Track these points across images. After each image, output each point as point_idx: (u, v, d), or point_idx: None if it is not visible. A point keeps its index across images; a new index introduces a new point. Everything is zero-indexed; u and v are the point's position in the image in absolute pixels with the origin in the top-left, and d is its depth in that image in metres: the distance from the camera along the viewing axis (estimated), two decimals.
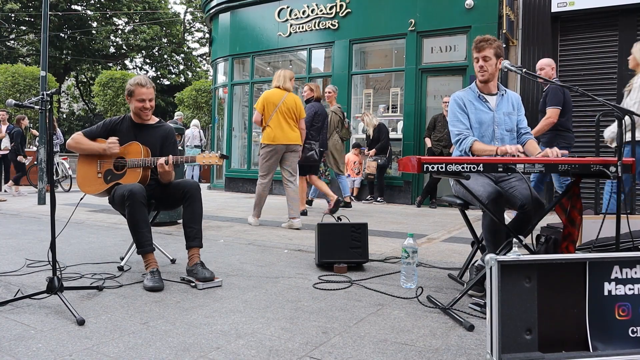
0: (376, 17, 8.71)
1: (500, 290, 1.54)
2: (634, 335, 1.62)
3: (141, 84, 3.02)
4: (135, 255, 2.97)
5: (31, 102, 2.54)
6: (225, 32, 10.82)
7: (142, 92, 3.02)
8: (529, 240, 2.64)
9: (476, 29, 7.67)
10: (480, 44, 2.80)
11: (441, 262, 3.46)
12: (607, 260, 1.65)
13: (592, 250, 2.82)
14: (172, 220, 5.17)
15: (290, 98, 5.09)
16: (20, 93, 14.40)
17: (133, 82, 3.04)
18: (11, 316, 2.17)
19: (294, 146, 5.13)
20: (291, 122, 5.08)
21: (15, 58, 22.45)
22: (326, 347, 1.87)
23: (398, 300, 2.53)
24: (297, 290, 2.70)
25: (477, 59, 2.83)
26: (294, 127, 5.12)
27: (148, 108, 3.07)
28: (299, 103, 5.20)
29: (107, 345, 1.86)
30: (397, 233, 4.81)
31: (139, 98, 3.02)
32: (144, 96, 3.03)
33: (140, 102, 3.03)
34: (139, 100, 3.03)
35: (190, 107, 16.94)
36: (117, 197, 2.86)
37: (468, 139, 2.74)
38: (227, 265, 3.30)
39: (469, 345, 1.90)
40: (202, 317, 2.21)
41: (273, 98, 5.03)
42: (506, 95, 2.91)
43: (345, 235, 3.22)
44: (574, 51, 7.45)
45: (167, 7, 25.60)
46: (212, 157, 2.87)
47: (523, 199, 2.56)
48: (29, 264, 3.22)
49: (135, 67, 26.77)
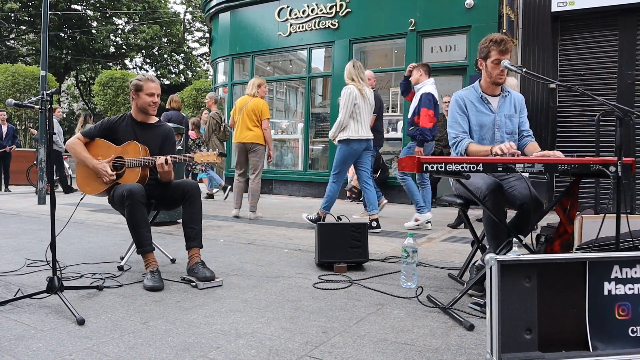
0: (376, 16, 8.71)
1: (500, 290, 1.54)
2: (634, 335, 1.62)
3: (151, 79, 3.08)
4: (135, 255, 2.97)
5: (31, 102, 2.54)
6: (225, 31, 10.82)
7: (152, 86, 3.05)
8: (529, 240, 2.64)
9: (476, 28, 7.67)
10: (507, 46, 2.64)
11: (441, 262, 3.46)
12: (607, 259, 1.65)
13: (592, 250, 2.82)
14: (172, 220, 5.17)
15: (253, 102, 5.65)
16: (20, 93, 14.37)
17: (142, 78, 3.07)
18: (11, 316, 2.17)
19: (250, 145, 5.65)
20: (250, 124, 5.61)
21: (15, 58, 22.44)
22: (326, 346, 1.87)
23: (398, 299, 2.53)
24: (297, 289, 2.71)
25: (498, 61, 2.66)
26: (253, 127, 5.61)
27: (156, 102, 3.11)
28: (261, 105, 5.67)
29: (107, 345, 1.86)
30: (397, 233, 4.81)
31: (149, 92, 3.05)
32: (154, 90, 3.06)
33: (149, 96, 3.05)
34: (148, 94, 3.05)
35: (190, 107, 16.93)
36: (116, 197, 2.86)
37: (463, 142, 2.72)
38: (227, 265, 3.30)
39: (469, 345, 1.90)
40: (202, 316, 2.21)
41: (240, 104, 5.70)
42: (509, 96, 2.86)
43: (345, 235, 3.22)
44: (574, 51, 7.44)
45: (167, 7, 25.58)
46: (211, 155, 2.87)
47: (522, 198, 2.56)
48: (29, 263, 3.22)
49: (135, 67, 26.76)
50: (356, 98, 4.82)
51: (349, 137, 4.84)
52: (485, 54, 2.72)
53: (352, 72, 4.94)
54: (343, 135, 4.88)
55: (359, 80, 4.91)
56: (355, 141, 4.86)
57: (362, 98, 4.87)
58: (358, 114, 4.85)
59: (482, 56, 2.75)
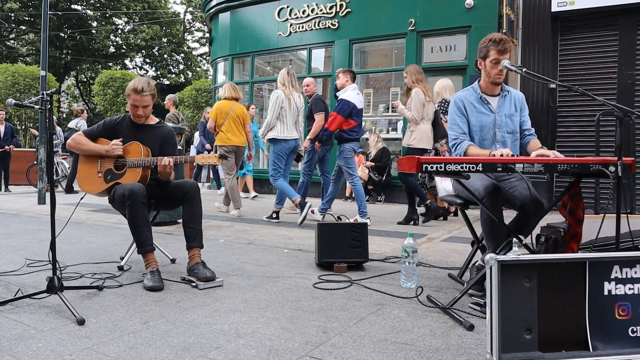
0: (376, 16, 8.71)
1: (500, 290, 1.54)
2: (634, 335, 1.62)
3: (137, 90, 2.97)
4: (136, 255, 2.98)
5: (31, 102, 2.54)
6: (225, 31, 10.82)
7: (136, 99, 2.99)
8: (529, 240, 2.64)
9: (476, 28, 7.67)
10: (505, 46, 2.63)
11: (441, 262, 3.46)
12: (607, 259, 1.65)
13: (592, 249, 2.82)
14: (172, 220, 5.17)
15: (238, 107, 6.02)
16: (20, 93, 14.37)
17: (131, 87, 3.00)
18: (11, 316, 2.17)
19: (242, 147, 6.13)
20: (240, 128, 6.00)
21: (15, 58, 22.44)
22: (326, 346, 1.87)
23: (398, 299, 2.53)
24: (297, 289, 2.71)
25: (497, 61, 2.65)
26: (242, 131, 6.04)
27: (141, 115, 3.05)
28: (244, 111, 6.11)
29: (107, 345, 1.86)
30: (397, 233, 4.81)
31: (133, 104, 3.02)
32: (137, 103, 3.00)
33: (133, 107, 3.03)
34: (132, 105, 3.03)
35: (190, 107, 16.93)
36: (117, 197, 2.86)
37: (463, 144, 2.71)
38: (227, 265, 3.30)
39: (469, 345, 1.90)
40: (202, 316, 2.21)
41: (226, 108, 5.93)
42: (509, 95, 2.85)
43: (345, 235, 3.22)
44: (574, 51, 7.45)
45: (167, 7, 25.59)
46: (212, 157, 2.87)
47: (523, 199, 2.56)
48: (29, 263, 3.22)
49: (135, 67, 26.77)
50: (283, 102, 5.45)
51: (275, 136, 5.49)
52: (484, 53, 2.71)
53: (285, 78, 5.59)
54: (271, 135, 5.51)
55: (289, 86, 5.56)
56: (281, 140, 5.50)
57: (289, 102, 5.49)
58: (284, 116, 5.46)
59: (482, 56, 2.74)
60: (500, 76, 2.71)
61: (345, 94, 5.34)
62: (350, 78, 5.47)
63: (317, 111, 5.72)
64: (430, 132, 5.43)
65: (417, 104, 5.25)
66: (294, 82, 5.62)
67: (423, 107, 5.30)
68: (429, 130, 5.41)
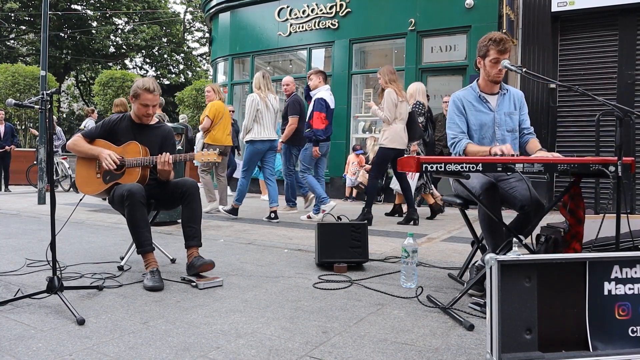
0: (376, 16, 8.71)
1: (500, 289, 1.54)
2: (634, 335, 1.62)
3: (149, 89, 2.99)
4: (135, 255, 2.97)
5: (31, 102, 2.54)
6: (225, 31, 10.82)
7: (148, 97, 3.00)
8: (529, 240, 2.64)
9: (476, 28, 7.67)
10: (506, 46, 2.63)
11: (441, 262, 3.46)
12: (607, 259, 1.65)
13: (592, 249, 2.82)
14: (172, 220, 5.17)
15: (227, 109, 6.25)
16: (20, 93, 14.37)
17: (141, 86, 3.00)
18: (11, 316, 2.17)
19: (229, 147, 6.39)
20: (229, 128, 6.24)
21: (15, 57, 22.45)
22: (326, 346, 1.87)
23: (398, 299, 2.53)
24: (297, 289, 2.71)
25: (496, 61, 2.65)
26: (230, 132, 6.26)
27: (151, 114, 3.07)
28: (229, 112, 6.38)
29: (107, 344, 1.86)
30: (397, 233, 4.81)
31: (144, 103, 3.01)
32: (149, 102, 3.01)
33: (144, 107, 3.02)
34: (143, 105, 3.02)
35: (190, 107, 16.92)
36: (116, 197, 2.86)
37: (462, 142, 2.71)
38: (227, 265, 3.30)
39: (469, 345, 1.90)
40: (202, 316, 2.21)
41: (221, 109, 6.08)
42: (508, 93, 2.84)
43: (345, 235, 3.22)
44: (574, 51, 7.45)
45: (167, 7, 25.60)
46: (211, 155, 2.87)
47: (523, 200, 2.55)
48: (29, 263, 3.22)
49: (135, 67, 26.77)
50: (258, 104, 5.63)
51: (252, 138, 5.66)
52: (484, 52, 2.71)
53: (260, 82, 5.77)
54: (248, 137, 5.67)
55: (264, 90, 5.74)
56: (258, 142, 5.67)
57: (265, 105, 5.66)
58: (261, 119, 5.64)
59: (481, 55, 2.73)
60: (500, 75, 2.72)
61: (320, 93, 5.52)
62: (322, 79, 5.67)
63: (292, 114, 5.88)
64: (403, 132, 5.36)
65: (389, 104, 5.23)
66: (269, 85, 5.83)
67: (395, 107, 5.26)
68: (402, 130, 5.33)
